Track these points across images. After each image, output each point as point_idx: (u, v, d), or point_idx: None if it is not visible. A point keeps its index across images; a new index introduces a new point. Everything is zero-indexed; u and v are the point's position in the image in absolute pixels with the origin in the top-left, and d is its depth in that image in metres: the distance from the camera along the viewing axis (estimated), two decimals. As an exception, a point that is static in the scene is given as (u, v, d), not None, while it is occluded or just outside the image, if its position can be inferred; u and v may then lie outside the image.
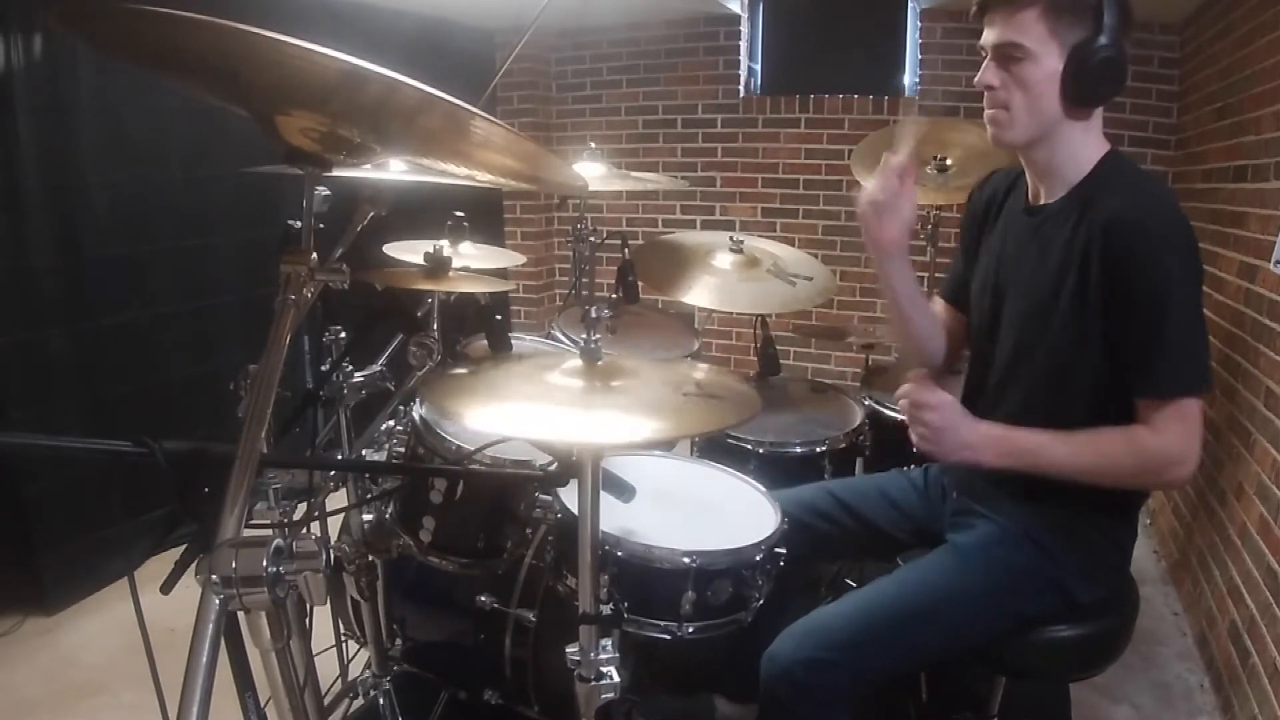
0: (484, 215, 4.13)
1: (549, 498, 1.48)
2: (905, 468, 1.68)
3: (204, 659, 0.73)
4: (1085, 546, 1.35)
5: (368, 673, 1.75)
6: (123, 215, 2.60)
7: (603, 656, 1.14)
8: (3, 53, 2.24)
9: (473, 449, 1.43)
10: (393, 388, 1.64)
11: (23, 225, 2.33)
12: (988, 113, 1.32)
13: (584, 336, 1.15)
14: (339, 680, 1.88)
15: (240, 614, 0.80)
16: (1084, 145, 1.31)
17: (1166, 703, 2.13)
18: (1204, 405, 1.25)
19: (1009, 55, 1.26)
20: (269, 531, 0.80)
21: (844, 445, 1.93)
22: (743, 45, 4.00)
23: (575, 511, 1.15)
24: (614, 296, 2.05)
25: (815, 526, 1.55)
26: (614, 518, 1.32)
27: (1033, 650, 1.36)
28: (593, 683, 1.13)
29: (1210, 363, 1.25)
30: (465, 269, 1.68)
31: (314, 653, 1.48)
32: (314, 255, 0.90)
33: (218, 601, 0.76)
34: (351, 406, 1.59)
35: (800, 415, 2.08)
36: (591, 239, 2.48)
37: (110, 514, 2.58)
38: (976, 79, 1.32)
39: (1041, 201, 1.37)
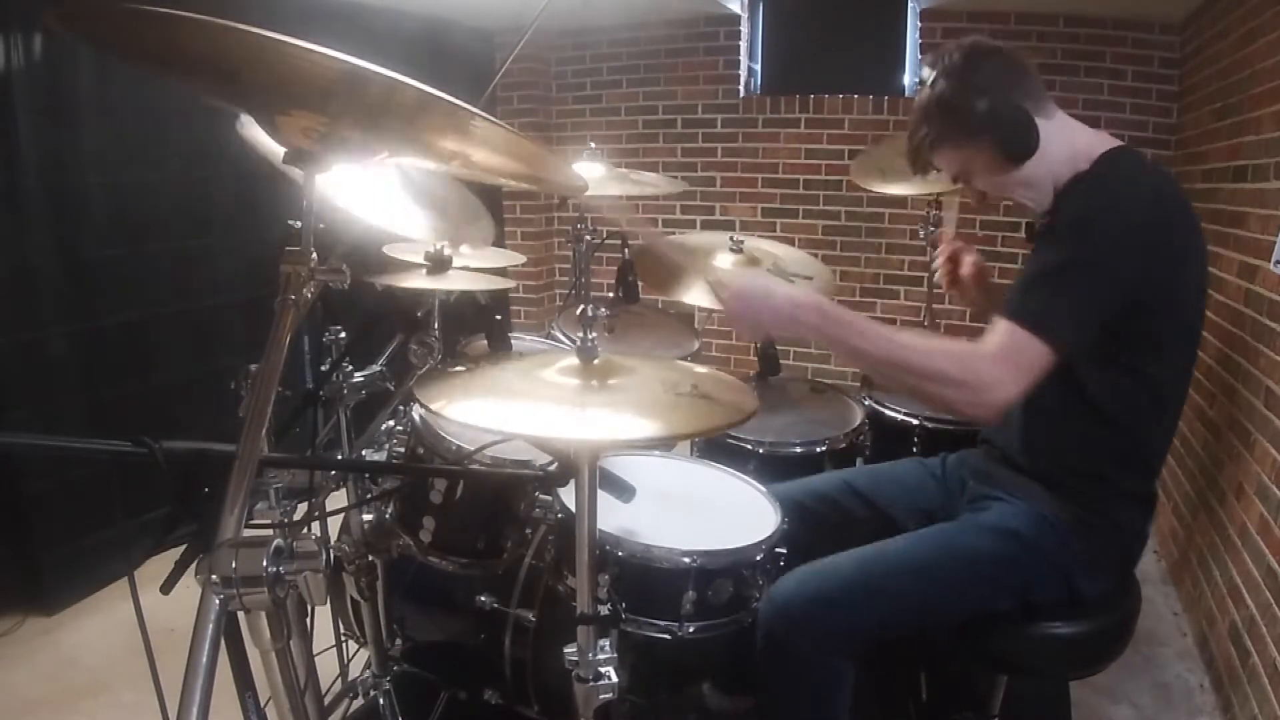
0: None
1: (549, 498, 1.48)
2: (922, 458, 1.68)
3: (204, 659, 0.73)
4: (1097, 539, 1.36)
5: (368, 673, 1.75)
6: (123, 215, 2.60)
7: (600, 657, 1.14)
8: (3, 53, 2.24)
9: (473, 449, 1.43)
10: (393, 388, 1.64)
11: (23, 225, 2.33)
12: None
13: (579, 335, 1.15)
14: (339, 680, 1.87)
15: (240, 614, 0.80)
16: (1068, 156, 1.33)
17: (1166, 703, 2.13)
18: (1046, 358, 1.20)
19: (964, 180, 1.41)
20: (269, 531, 0.80)
21: (844, 445, 1.93)
22: (743, 45, 4.00)
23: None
24: (614, 296, 2.05)
25: (826, 515, 1.56)
26: (614, 518, 1.32)
27: (1034, 646, 1.37)
28: (591, 683, 1.13)
29: (1065, 327, 1.21)
30: (465, 269, 1.68)
31: (314, 653, 1.48)
32: (314, 255, 0.89)
33: (218, 601, 0.76)
34: (351, 406, 1.59)
35: (800, 415, 2.08)
36: (588, 237, 2.48)
37: (110, 514, 2.58)
38: (974, 202, 1.47)
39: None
